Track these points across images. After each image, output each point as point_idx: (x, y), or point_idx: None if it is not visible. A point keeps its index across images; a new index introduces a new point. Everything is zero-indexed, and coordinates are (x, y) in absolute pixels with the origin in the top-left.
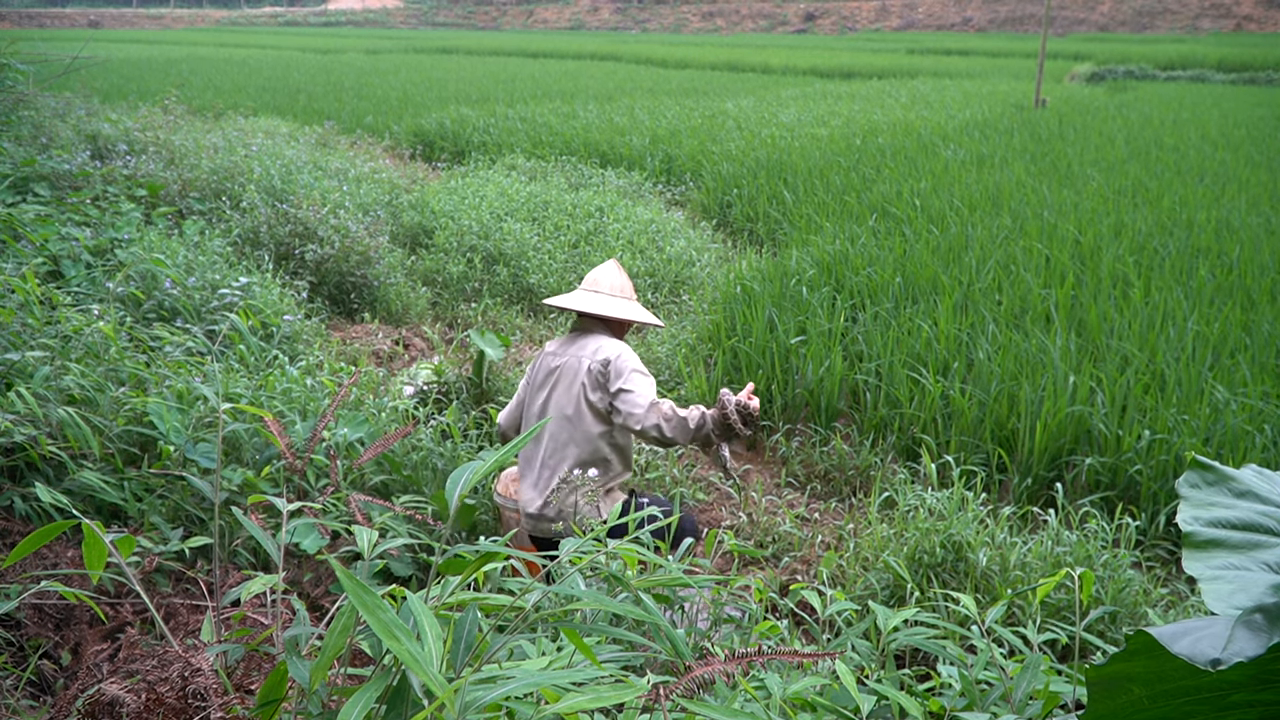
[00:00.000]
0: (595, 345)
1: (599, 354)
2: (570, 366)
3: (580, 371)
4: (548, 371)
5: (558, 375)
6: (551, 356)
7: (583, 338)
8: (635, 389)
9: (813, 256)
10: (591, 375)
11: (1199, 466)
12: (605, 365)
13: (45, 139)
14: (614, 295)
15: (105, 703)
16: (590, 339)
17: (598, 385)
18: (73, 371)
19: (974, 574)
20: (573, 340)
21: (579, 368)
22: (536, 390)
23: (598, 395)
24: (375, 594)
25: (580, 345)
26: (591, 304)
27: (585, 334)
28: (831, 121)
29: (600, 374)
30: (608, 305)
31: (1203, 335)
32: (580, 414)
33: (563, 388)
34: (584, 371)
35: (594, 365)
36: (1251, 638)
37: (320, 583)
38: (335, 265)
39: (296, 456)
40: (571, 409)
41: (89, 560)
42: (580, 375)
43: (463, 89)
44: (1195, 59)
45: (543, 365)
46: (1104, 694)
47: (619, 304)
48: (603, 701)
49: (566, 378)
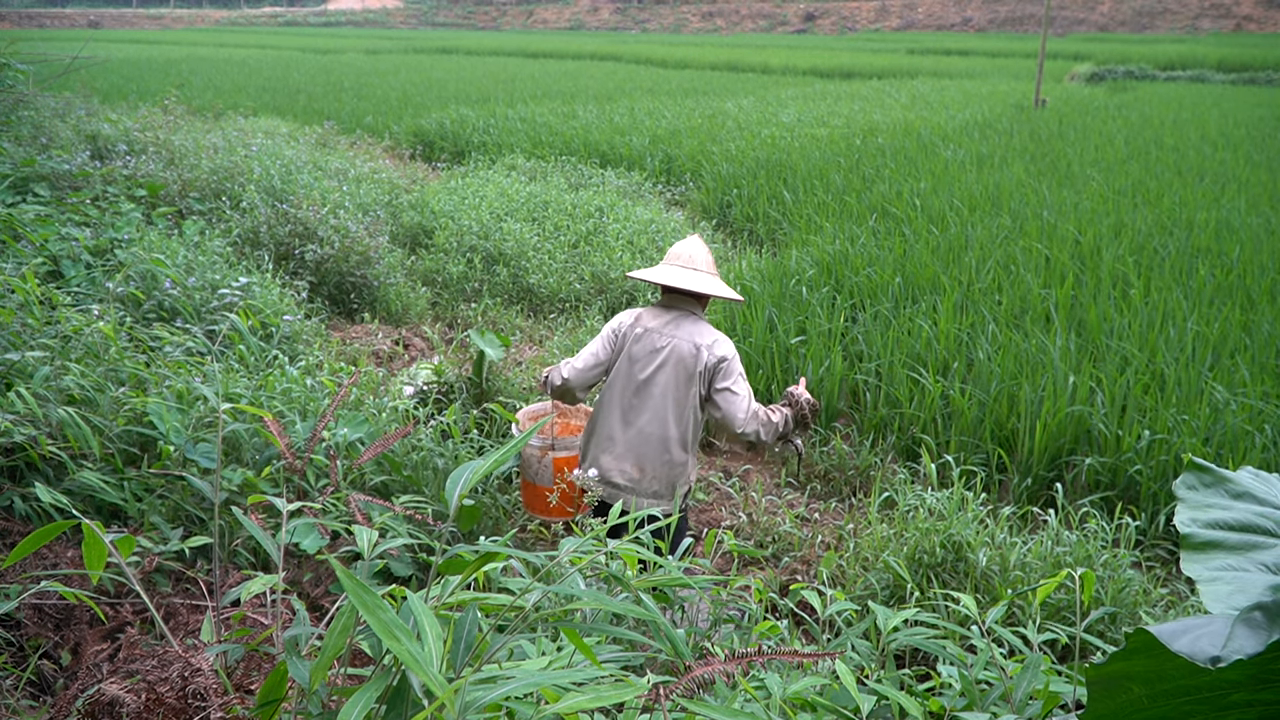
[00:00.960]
0: (698, 329)
1: (715, 348)
2: (680, 350)
3: (692, 360)
4: (653, 349)
5: (666, 356)
6: (655, 334)
7: (681, 317)
8: (740, 393)
9: (812, 256)
10: (707, 369)
11: (1196, 468)
12: (720, 362)
13: (45, 139)
14: (710, 273)
15: (105, 703)
16: (687, 319)
17: (705, 378)
18: (73, 371)
19: (974, 574)
20: (671, 318)
21: (692, 355)
22: (634, 362)
23: (704, 386)
24: (375, 594)
25: (681, 327)
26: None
27: (679, 310)
28: (831, 121)
29: (714, 369)
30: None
31: (1203, 335)
32: (686, 399)
33: (671, 370)
34: (699, 362)
35: (709, 359)
36: (1251, 635)
37: (320, 583)
38: (335, 265)
39: (296, 456)
40: (679, 393)
41: (89, 560)
42: (693, 364)
43: (463, 89)
44: (1195, 59)
45: (644, 340)
46: (1104, 693)
47: (717, 283)
48: (603, 701)
49: (675, 361)
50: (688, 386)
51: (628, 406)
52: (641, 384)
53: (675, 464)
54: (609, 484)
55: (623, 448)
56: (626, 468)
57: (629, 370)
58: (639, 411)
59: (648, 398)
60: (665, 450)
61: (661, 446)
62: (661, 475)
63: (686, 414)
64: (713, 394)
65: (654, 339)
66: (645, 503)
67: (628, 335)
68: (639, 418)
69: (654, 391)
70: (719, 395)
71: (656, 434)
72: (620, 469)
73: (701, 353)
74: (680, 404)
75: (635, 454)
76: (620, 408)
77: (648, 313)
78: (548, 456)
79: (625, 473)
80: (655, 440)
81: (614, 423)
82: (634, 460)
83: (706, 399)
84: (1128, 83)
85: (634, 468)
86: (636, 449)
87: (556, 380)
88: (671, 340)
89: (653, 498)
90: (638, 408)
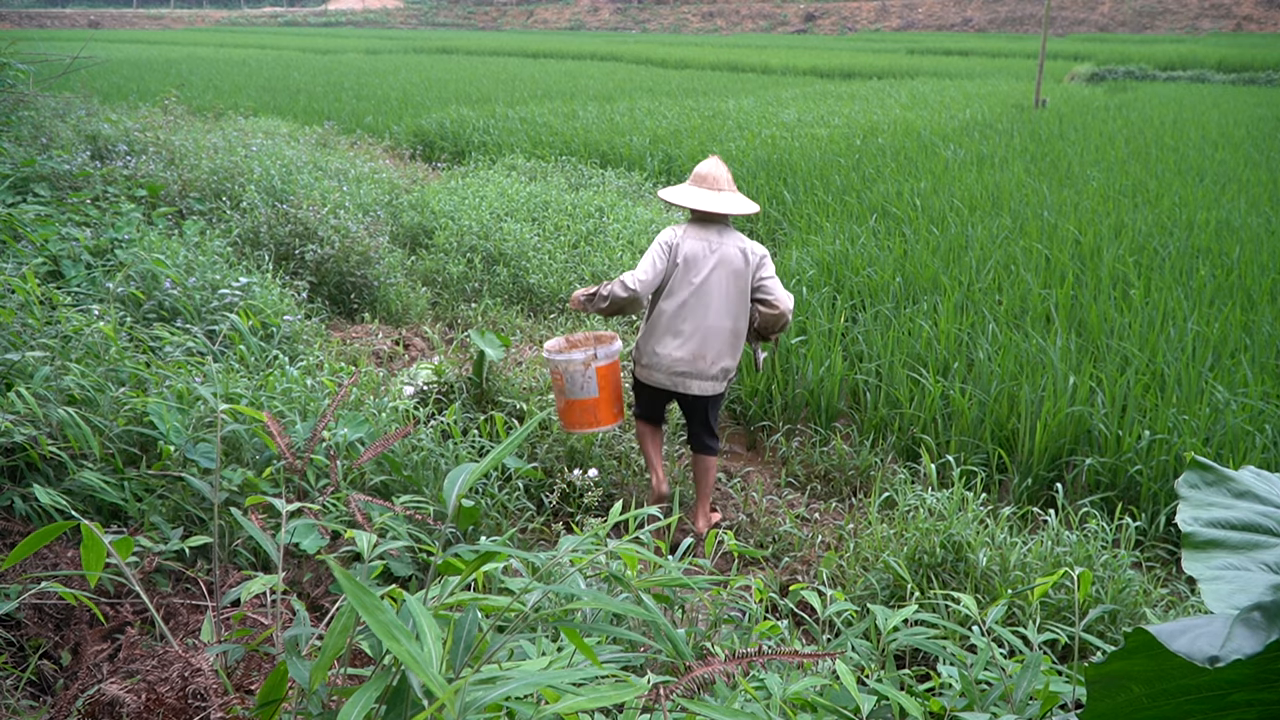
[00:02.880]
0: (736, 237)
1: (755, 249)
2: (728, 254)
3: (741, 262)
4: (704, 255)
5: (717, 261)
6: (704, 243)
7: (721, 229)
8: (775, 277)
9: (813, 256)
10: (751, 266)
11: (1198, 467)
12: (762, 258)
13: (45, 139)
14: (732, 190)
15: (105, 703)
16: (725, 230)
17: (752, 272)
18: (73, 371)
19: (974, 574)
20: (714, 232)
21: (740, 258)
22: (689, 269)
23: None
24: (374, 595)
25: (724, 236)
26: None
27: (716, 224)
28: (831, 121)
29: (759, 265)
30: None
31: (1203, 335)
32: (743, 292)
33: (723, 272)
34: (747, 263)
35: (754, 259)
36: (1250, 635)
37: (320, 583)
38: (335, 265)
39: (296, 457)
40: (735, 290)
41: (86, 562)
42: (742, 265)
43: (463, 89)
44: (1195, 59)
45: (695, 249)
46: (1103, 692)
47: (741, 201)
48: (603, 701)
49: (726, 264)
50: (741, 283)
51: (692, 306)
52: (699, 286)
53: (734, 352)
54: (673, 373)
55: (696, 337)
56: (697, 356)
57: (685, 276)
58: (703, 310)
59: (707, 296)
60: (729, 338)
61: (727, 336)
62: (720, 362)
63: (744, 307)
64: (759, 282)
65: (704, 247)
66: (703, 385)
67: (677, 247)
68: (704, 315)
69: (712, 291)
70: (766, 282)
71: (721, 326)
72: (692, 357)
73: (748, 255)
74: (738, 300)
75: (700, 344)
76: (685, 307)
77: (690, 228)
78: (591, 368)
79: (689, 361)
80: (722, 331)
81: (679, 320)
82: (698, 349)
83: (755, 290)
84: (1128, 83)
85: (698, 357)
86: (702, 340)
87: (621, 292)
88: (720, 247)
89: (710, 380)
90: (700, 306)
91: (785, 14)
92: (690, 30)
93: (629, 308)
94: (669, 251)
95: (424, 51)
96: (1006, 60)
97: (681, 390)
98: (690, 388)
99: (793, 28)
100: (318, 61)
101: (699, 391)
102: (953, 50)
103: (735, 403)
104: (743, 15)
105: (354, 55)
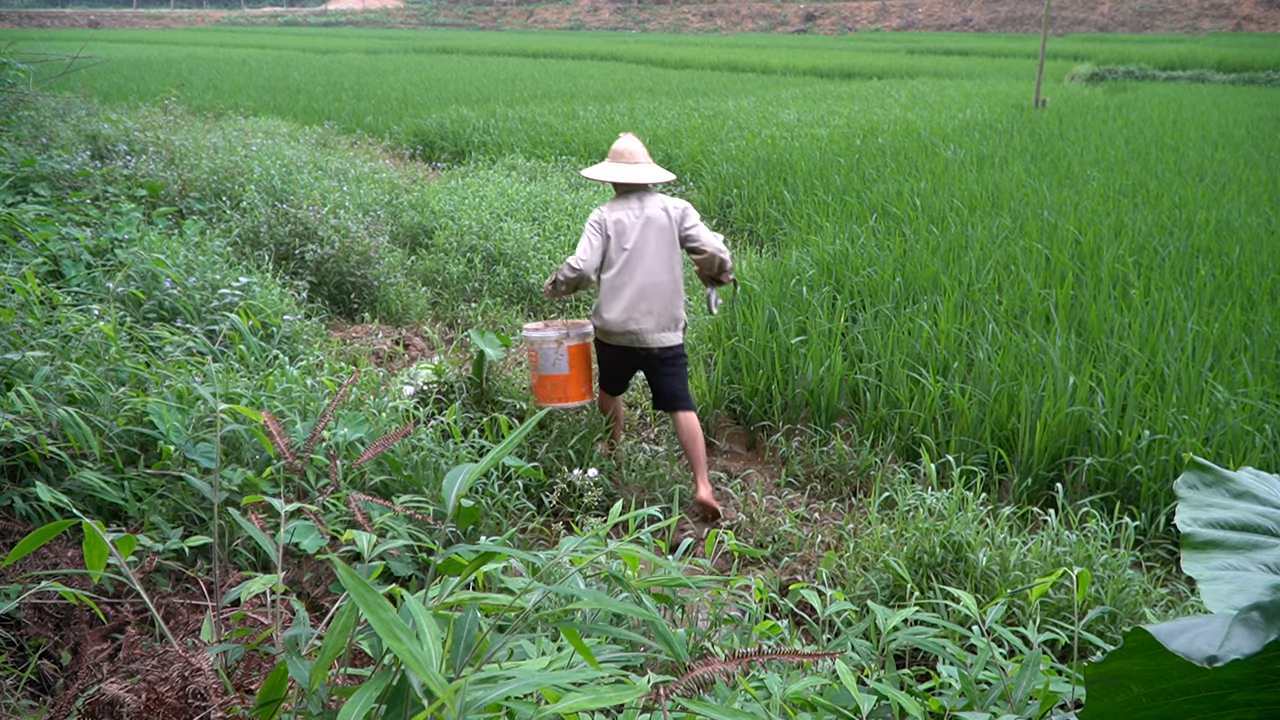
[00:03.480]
0: (657, 199)
1: (675, 203)
2: (653, 215)
3: (665, 219)
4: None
5: (644, 224)
6: (630, 213)
7: (643, 196)
8: (701, 225)
9: (813, 256)
10: (674, 220)
11: (1197, 467)
12: (683, 211)
13: (45, 139)
14: (649, 163)
15: (105, 703)
16: (646, 195)
17: (677, 226)
18: (73, 371)
19: (974, 574)
20: (636, 200)
21: (663, 216)
22: (622, 238)
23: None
24: (376, 593)
25: (648, 202)
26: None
27: (638, 193)
28: (831, 121)
29: (681, 217)
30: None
31: (1203, 335)
32: (673, 244)
33: (653, 232)
34: (670, 219)
35: (675, 213)
36: (1248, 635)
37: (320, 583)
38: (335, 265)
39: (296, 457)
40: (665, 246)
41: (89, 560)
42: (667, 221)
43: (463, 89)
44: (1195, 59)
45: (623, 220)
46: (1102, 692)
47: (656, 170)
48: (603, 702)
49: (653, 225)
50: (669, 237)
51: (630, 269)
52: (632, 251)
53: (677, 301)
54: (629, 332)
55: (635, 295)
56: (642, 312)
57: (618, 245)
58: (640, 270)
59: (640, 258)
60: (669, 290)
61: (666, 288)
62: (669, 312)
63: (676, 258)
64: (686, 233)
65: (629, 216)
66: (658, 336)
67: (606, 223)
68: (642, 274)
69: (645, 252)
70: (691, 231)
71: (659, 280)
72: (637, 313)
73: (669, 211)
74: (669, 253)
75: (647, 300)
76: (623, 272)
77: (615, 202)
78: (563, 346)
79: (643, 315)
80: (660, 285)
81: (624, 284)
82: (646, 306)
83: (684, 240)
84: (1128, 83)
85: (645, 313)
86: (643, 296)
87: (568, 273)
88: (643, 212)
89: (663, 331)
90: (637, 268)
91: (785, 14)
92: (690, 30)
93: (582, 284)
94: (600, 229)
95: (424, 51)
96: (1006, 60)
97: (639, 345)
98: (646, 341)
99: (793, 28)
100: (318, 61)
101: (655, 343)
102: (953, 50)
103: (735, 403)
104: (743, 15)
105: (354, 55)
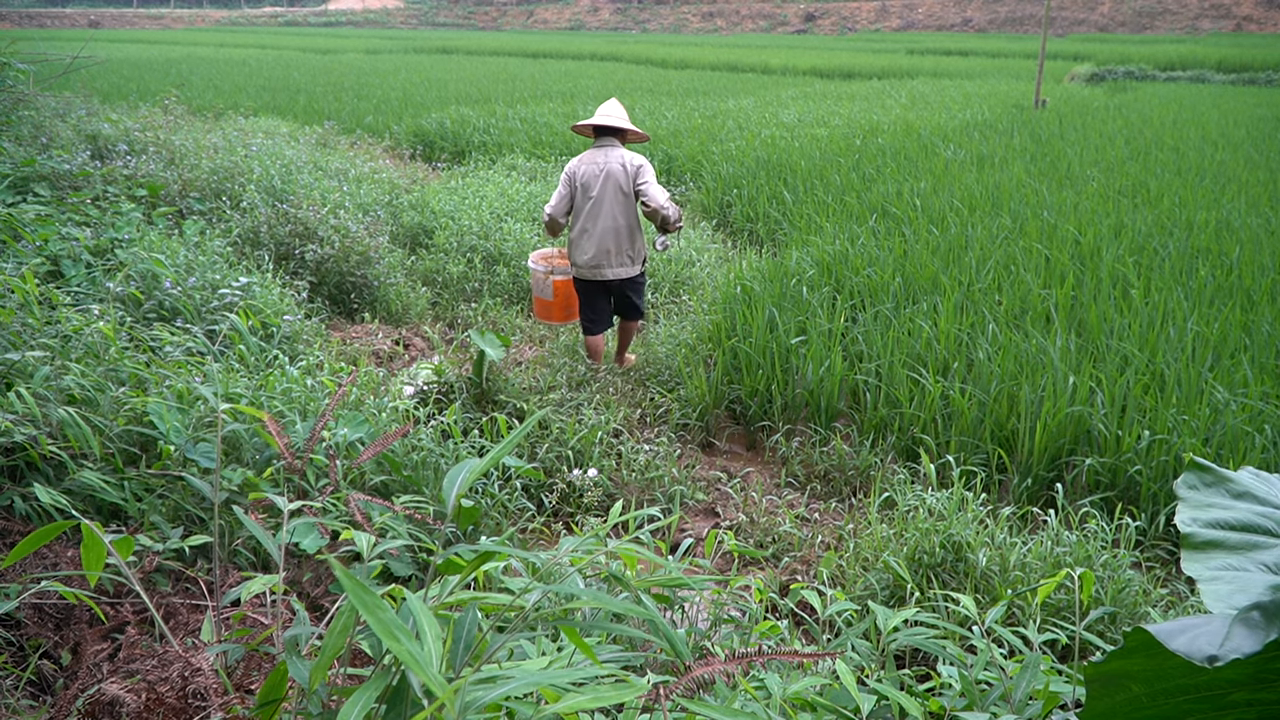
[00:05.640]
0: (621, 153)
1: (634, 160)
2: (613, 169)
3: (622, 172)
4: (595, 174)
5: (605, 176)
6: (595, 166)
7: (610, 150)
8: (651, 182)
9: (813, 256)
10: (629, 175)
11: (1197, 468)
12: (639, 168)
13: (45, 139)
14: (624, 119)
15: (105, 702)
16: (614, 149)
17: (631, 180)
18: (73, 371)
19: (974, 574)
20: (603, 152)
21: (621, 169)
22: (587, 188)
23: (631, 186)
24: (375, 594)
25: (610, 155)
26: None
27: (608, 147)
28: (831, 122)
29: (635, 173)
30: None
31: (1203, 336)
32: (629, 195)
33: (613, 182)
34: (627, 173)
35: (631, 168)
36: (1249, 635)
37: (320, 583)
38: (335, 265)
39: (296, 456)
40: (623, 195)
41: (86, 561)
42: (624, 174)
43: (463, 89)
44: (1195, 59)
45: (588, 172)
46: (1103, 692)
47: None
48: (603, 701)
49: (614, 176)
50: (625, 188)
51: (592, 215)
52: (595, 199)
53: (634, 241)
54: (593, 267)
55: (598, 238)
56: (603, 251)
57: (584, 195)
58: (600, 216)
59: (600, 205)
60: (626, 233)
61: (623, 231)
62: (625, 250)
63: (630, 207)
64: (637, 187)
65: (594, 169)
66: (616, 270)
67: (576, 173)
68: (601, 219)
69: (604, 200)
70: (642, 186)
71: (615, 225)
72: (599, 252)
73: (626, 165)
74: (625, 202)
75: (606, 240)
76: (587, 217)
77: (585, 155)
78: (549, 279)
79: (603, 254)
80: (617, 229)
81: (588, 226)
82: (602, 245)
83: (636, 194)
84: (1127, 83)
85: (604, 251)
86: (608, 237)
87: (545, 219)
88: (606, 164)
89: (622, 266)
90: (598, 214)
91: (785, 14)
92: (690, 30)
93: (557, 226)
94: (570, 180)
95: (424, 51)
96: (1006, 60)
97: (601, 278)
98: (607, 274)
99: (793, 28)
100: (318, 61)
101: (614, 276)
102: (952, 50)
103: (735, 403)
104: (743, 15)
105: (354, 55)
